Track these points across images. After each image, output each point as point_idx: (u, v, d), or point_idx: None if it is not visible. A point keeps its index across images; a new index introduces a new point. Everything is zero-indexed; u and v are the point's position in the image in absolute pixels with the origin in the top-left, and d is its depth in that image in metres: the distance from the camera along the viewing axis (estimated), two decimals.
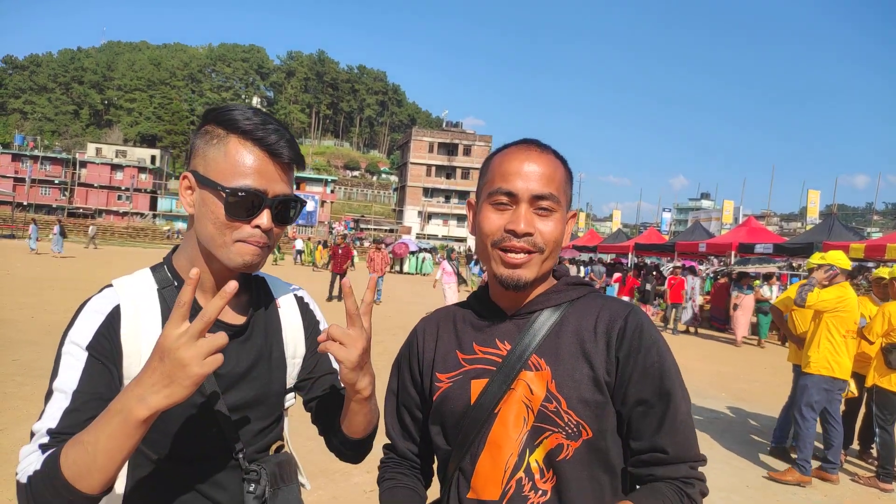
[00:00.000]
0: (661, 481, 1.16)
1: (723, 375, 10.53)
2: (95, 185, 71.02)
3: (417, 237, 58.23)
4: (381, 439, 1.40)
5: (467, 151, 73.61)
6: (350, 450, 1.34)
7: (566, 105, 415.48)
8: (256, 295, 1.35)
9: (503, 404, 1.20)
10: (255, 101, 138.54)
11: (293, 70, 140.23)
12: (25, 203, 63.55)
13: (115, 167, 72.65)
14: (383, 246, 18.51)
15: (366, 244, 42.13)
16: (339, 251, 17.42)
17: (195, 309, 1.19)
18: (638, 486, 1.22)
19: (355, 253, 34.19)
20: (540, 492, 1.17)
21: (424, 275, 33.79)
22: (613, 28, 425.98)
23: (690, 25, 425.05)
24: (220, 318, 1.22)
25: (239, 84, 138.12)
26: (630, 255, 24.75)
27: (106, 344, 1.12)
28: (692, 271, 18.58)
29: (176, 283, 1.24)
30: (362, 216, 77.59)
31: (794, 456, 5.51)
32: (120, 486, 1.20)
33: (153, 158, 77.10)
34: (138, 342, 1.15)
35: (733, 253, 18.38)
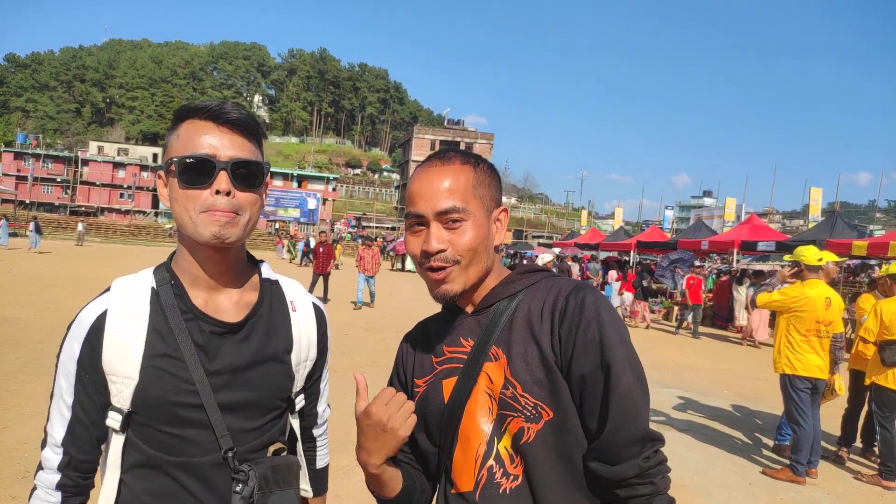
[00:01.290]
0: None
1: (725, 373, 10.53)
2: (97, 183, 71.14)
3: None
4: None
5: (469, 149, 73.33)
6: None
7: (568, 102, 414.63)
8: (266, 297, 1.34)
9: (471, 399, 1.24)
10: (257, 98, 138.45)
11: (295, 68, 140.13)
12: (28, 201, 63.65)
13: (117, 165, 72.77)
14: (375, 243, 17.04)
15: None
16: (322, 250, 15.60)
17: (188, 306, 1.24)
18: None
19: (339, 250, 34.28)
20: (511, 477, 1.18)
21: None
22: (615, 27, 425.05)
23: (692, 24, 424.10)
24: (214, 316, 1.25)
25: (240, 82, 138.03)
26: (632, 253, 24.72)
27: (93, 349, 1.21)
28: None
29: (172, 282, 1.26)
30: (364, 214, 77.65)
31: (790, 455, 5.50)
32: (114, 477, 1.23)
33: (155, 156, 77.09)
34: (120, 342, 1.20)
35: (736, 251, 18.34)
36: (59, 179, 71.03)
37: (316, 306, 1.46)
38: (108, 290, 1.27)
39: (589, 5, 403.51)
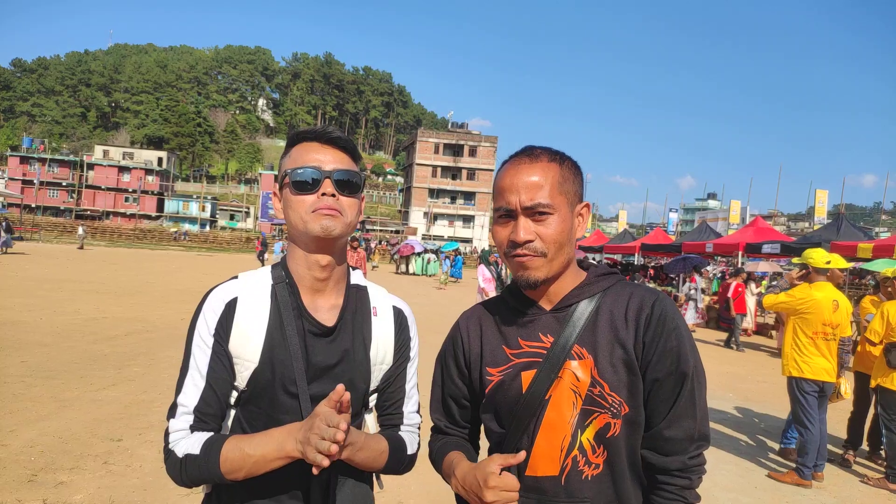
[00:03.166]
0: (658, 490, 1.34)
1: (731, 376, 10.50)
2: (103, 187, 71.41)
3: (423, 238, 58.23)
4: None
5: (473, 152, 73.58)
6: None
7: (572, 105, 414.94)
8: (353, 302, 1.51)
9: (553, 391, 1.34)
10: (261, 102, 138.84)
11: (299, 72, 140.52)
12: (34, 205, 63.89)
13: (123, 169, 73.03)
14: (360, 244, 15.71)
15: (372, 245, 42.04)
16: None
17: (298, 304, 1.43)
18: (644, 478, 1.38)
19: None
20: (593, 465, 1.32)
21: (429, 276, 33.80)
22: (620, 31, 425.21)
23: (697, 28, 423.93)
24: (315, 317, 1.43)
25: (245, 86, 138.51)
26: (636, 256, 24.69)
27: (224, 330, 1.37)
28: (698, 271, 18.59)
29: (287, 280, 1.45)
30: (368, 217, 77.70)
31: (796, 459, 5.47)
32: None
33: (160, 160, 77.39)
34: (247, 328, 1.38)
35: (740, 253, 18.29)
36: (64, 184, 71.30)
37: (397, 310, 1.57)
38: (234, 278, 1.46)
39: (594, 10, 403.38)
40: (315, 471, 1.21)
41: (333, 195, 1.38)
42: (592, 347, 1.33)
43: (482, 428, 1.54)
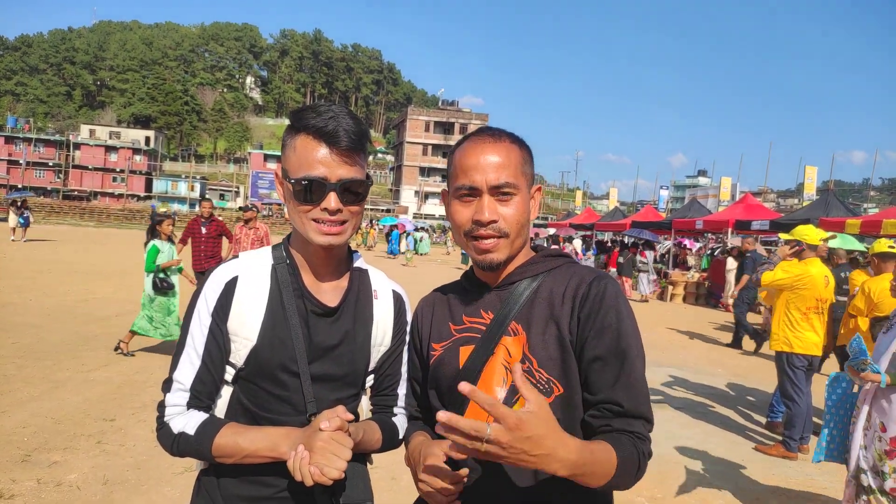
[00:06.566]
0: (618, 432, 1.23)
1: (720, 351, 10.62)
2: (90, 167, 70.59)
3: (414, 217, 58.13)
4: None
5: (464, 130, 73.19)
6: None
7: (564, 84, 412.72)
8: (355, 284, 1.53)
9: (487, 367, 1.33)
10: (249, 80, 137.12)
11: (287, 49, 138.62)
12: (20, 185, 63.15)
13: (109, 149, 72.13)
14: (257, 213, 9.91)
15: (363, 224, 41.87)
16: (204, 231, 9.37)
17: (299, 285, 1.43)
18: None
19: (372, 235, 33.83)
20: None
21: (420, 255, 33.82)
22: (611, 5, 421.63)
23: (688, 6, 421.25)
24: (317, 297, 1.44)
25: (232, 64, 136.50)
26: (627, 233, 24.79)
27: (223, 309, 1.38)
28: (650, 246, 20.01)
29: (288, 262, 1.45)
30: None
31: (783, 431, 5.57)
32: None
33: (147, 140, 76.45)
34: (245, 307, 1.39)
35: (730, 230, 18.39)
36: (50, 164, 70.43)
37: (396, 295, 1.60)
38: (236, 257, 1.48)
39: None
40: (308, 482, 1.21)
41: (339, 210, 1.34)
42: (527, 324, 1.32)
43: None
